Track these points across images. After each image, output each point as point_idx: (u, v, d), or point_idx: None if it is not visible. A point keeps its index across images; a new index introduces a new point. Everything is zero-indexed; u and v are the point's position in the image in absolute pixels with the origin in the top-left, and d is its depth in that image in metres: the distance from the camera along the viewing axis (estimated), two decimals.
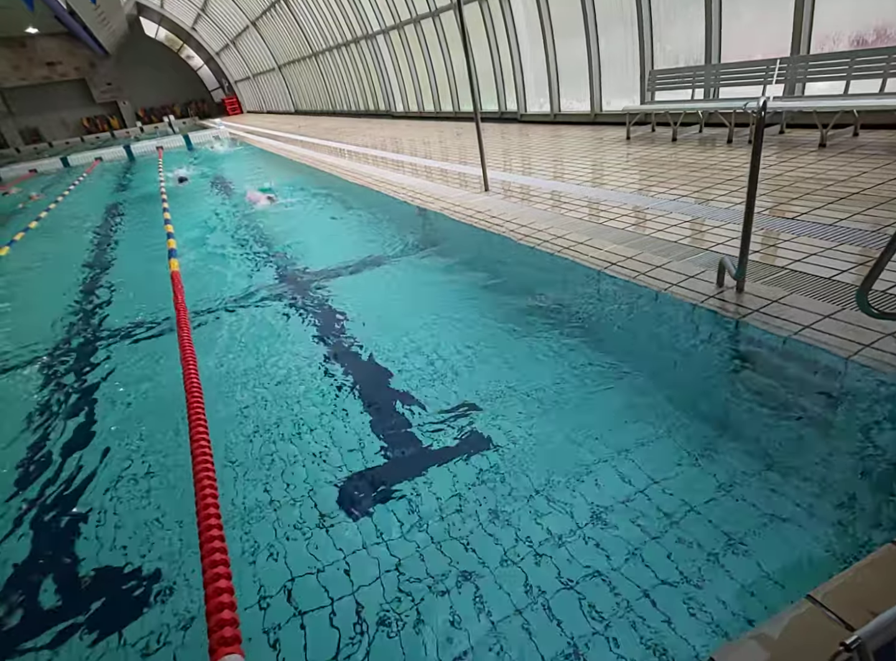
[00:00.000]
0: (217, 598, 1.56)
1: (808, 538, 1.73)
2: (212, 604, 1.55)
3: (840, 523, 1.76)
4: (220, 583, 1.61)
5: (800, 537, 1.74)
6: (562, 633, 1.58)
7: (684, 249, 3.87)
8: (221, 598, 1.55)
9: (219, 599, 1.55)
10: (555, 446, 2.36)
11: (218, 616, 1.50)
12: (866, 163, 5.04)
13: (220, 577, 1.63)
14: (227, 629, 1.46)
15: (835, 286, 3.00)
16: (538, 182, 6.65)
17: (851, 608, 1.25)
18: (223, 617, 1.49)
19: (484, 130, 6.45)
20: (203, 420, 2.61)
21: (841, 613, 1.25)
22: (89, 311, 5.21)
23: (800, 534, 1.75)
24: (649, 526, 1.88)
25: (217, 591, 1.58)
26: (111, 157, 20.46)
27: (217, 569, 1.66)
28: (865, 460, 1.99)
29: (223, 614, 1.50)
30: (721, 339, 2.88)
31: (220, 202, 9.26)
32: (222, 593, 1.57)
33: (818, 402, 2.30)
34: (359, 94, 21.70)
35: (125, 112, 39.44)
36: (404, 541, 1.99)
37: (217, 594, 1.57)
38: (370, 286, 4.58)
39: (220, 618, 1.49)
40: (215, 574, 1.64)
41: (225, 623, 1.48)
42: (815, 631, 1.23)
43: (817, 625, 1.24)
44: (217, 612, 1.51)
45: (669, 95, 8.14)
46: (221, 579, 1.63)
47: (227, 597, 1.56)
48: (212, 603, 1.55)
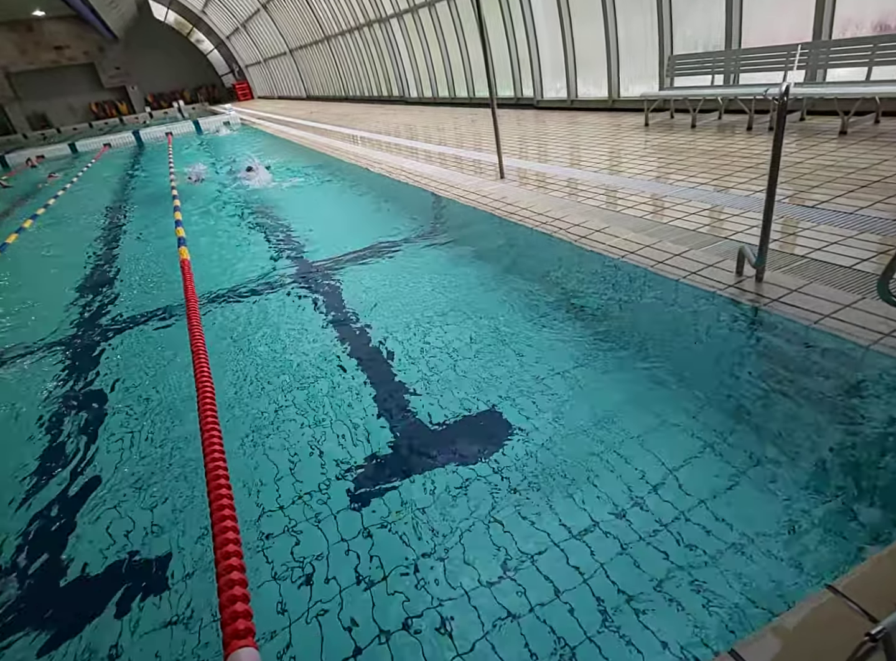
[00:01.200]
0: (230, 590, 1.57)
1: (825, 522, 1.78)
2: (225, 596, 1.56)
3: (853, 510, 1.81)
4: (232, 575, 1.62)
5: (821, 522, 1.79)
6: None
7: (703, 238, 3.89)
8: (234, 590, 1.57)
9: (231, 591, 1.56)
10: (575, 433, 2.42)
11: (231, 609, 1.51)
12: (888, 151, 5.00)
13: (232, 569, 1.64)
14: (241, 622, 1.47)
15: (855, 275, 3.01)
16: (555, 169, 6.65)
17: (873, 599, 1.27)
18: (236, 610, 1.50)
19: (499, 117, 6.44)
20: (214, 412, 2.61)
21: (862, 603, 1.27)
22: (97, 301, 5.30)
23: (819, 517, 1.80)
24: (663, 514, 1.95)
25: (229, 583, 1.59)
26: (120, 143, 20.41)
27: (230, 561, 1.67)
28: (889, 448, 2.03)
29: (236, 606, 1.52)
30: (741, 328, 2.91)
31: (231, 189, 9.31)
32: (234, 585, 1.58)
33: (838, 391, 2.33)
34: (372, 79, 21.57)
35: (134, 97, 39.35)
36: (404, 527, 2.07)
37: (229, 587, 1.58)
38: (385, 273, 4.61)
39: (234, 610, 1.50)
40: (228, 566, 1.65)
41: (238, 616, 1.49)
42: (837, 622, 1.25)
43: (839, 616, 1.26)
44: (230, 604, 1.53)
45: (688, 81, 8.06)
46: (234, 571, 1.64)
47: (240, 589, 1.57)
48: (225, 596, 1.56)
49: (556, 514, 2.00)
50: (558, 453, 2.29)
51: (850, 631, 1.20)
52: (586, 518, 1.96)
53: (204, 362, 3.16)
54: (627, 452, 2.24)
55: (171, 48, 39.42)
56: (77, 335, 4.44)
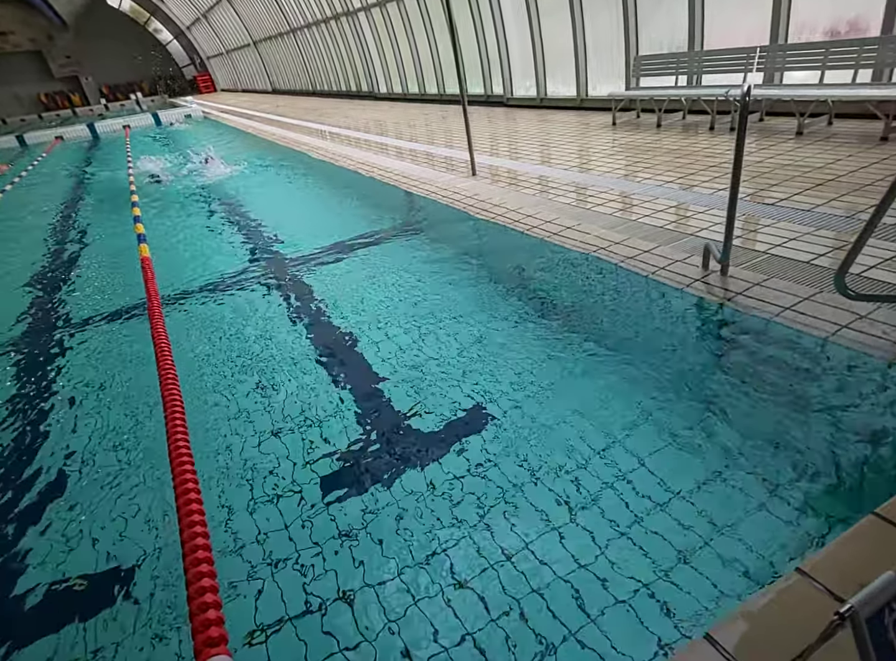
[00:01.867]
0: (200, 598, 1.52)
1: (786, 512, 1.89)
2: (195, 604, 1.51)
3: (814, 495, 1.92)
4: (203, 582, 1.57)
5: (780, 511, 1.90)
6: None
7: (670, 234, 4.02)
8: (205, 598, 1.52)
9: (202, 599, 1.52)
10: (541, 426, 2.48)
11: (203, 617, 1.46)
12: (840, 151, 5.25)
13: (203, 575, 1.60)
14: (213, 629, 1.43)
15: (813, 270, 3.18)
16: (526, 167, 6.74)
17: (839, 580, 1.33)
18: (208, 617, 1.46)
19: (470, 114, 6.49)
20: (181, 413, 2.53)
21: (829, 584, 1.33)
22: (50, 302, 5.14)
23: (778, 506, 1.91)
24: (621, 517, 2.03)
25: (200, 590, 1.54)
26: (73, 135, 19.48)
27: (200, 567, 1.63)
28: (842, 436, 2.16)
29: (208, 613, 1.47)
30: (707, 320, 3.04)
31: (193, 186, 9.11)
32: (206, 592, 1.54)
33: (798, 380, 2.47)
34: (340, 74, 21.32)
35: (88, 88, 37.80)
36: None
37: (200, 594, 1.53)
38: (354, 271, 4.58)
39: (206, 618, 1.46)
40: (198, 573, 1.61)
41: (210, 623, 1.45)
42: (806, 603, 1.31)
43: (807, 597, 1.32)
44: (201, 612, 1.48)
45: (654, 82, 8.26)
46: (205, 578, 1.59)
47: (211, 596, 1.54)
48: (195, 603, 1.51)
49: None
50: (533, 442, 2.36)
51: (818, 611, 1.27)
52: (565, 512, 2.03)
53: (169, 364, 3.05)
54: (586, 448, 2.32)
55: (127, 37, 37.94)
56: (30, 338, 4.27)
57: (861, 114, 6.06)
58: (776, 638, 1.26)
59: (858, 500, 1.90)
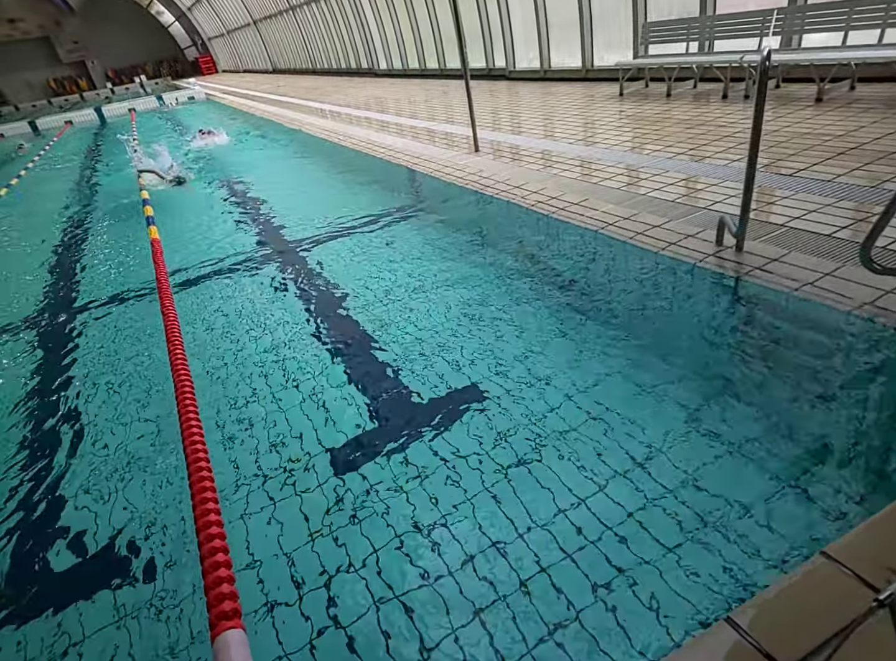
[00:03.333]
0: (215, 572, 1.55)
1: (810, 494, 1.75)
2: (210, 579, 1.54)
3: (834, 478, 1.78)
4: (217, 557, 1.60)
5: (801, 493, 1.76)
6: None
7: (682, 209, 3.82)
8: (219, 572, 1.55)
9: (216, 573, 1.55)
10: (551, 404, 2.35)
11: (217, 591, 1.49)
12: (864, 117, 4.97)
13: (216, 551, 1.63)
14: (227, 603, 1.46)
15: (834, 243, 2.97)
16: (530, 142, 6.49)
17: (867, 564, 1.26)
18: (222, 591, 1.49)
19: (472, 88, 6.23)
20: (191, 391, 2.55)
21: (856, 568, 1.26)
22: (64, 283, 5.06)
23: (799, 489, 1.77)
24: (649, 489, 1.90)
25: (214, 565, 1.57)
26: (82, 120, 19.82)
27: (213, 543, 1.66)
28: (871, 415, 2.00)
29: (222, 588, 1.50)
30: (723, 297, 2.86)
31: (198, 167, 8.96)
32: (220, 567, 1.57)
33: (822, 358, 2.30)
34: (340, 51, 20.90)
35: (94, 72, 37.71)
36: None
37: (214, 569, 1.56)
38: (359, 249, 4.46)
39: (219, 592, 1.49)
40: (212, 548, 1.64)
41: (224, 598, 1.47)
42: (832, 588, 1.24)
43: (834, 581, 1.25)
44: (215, 586, 1.51)
45: (663, 49, 7.92)
46: (219, 553, 1.62)
47: (225, 571, 1.56)
48: (210, 578, 1.54)
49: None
50: (542, 424, 2.23)
51: (844, 595, 1.21)
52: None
53: (178, 343, 3.06)
54: (596, 427, 2.18)
55: (131, 21, 37.68)
56: (44, 318, 4.25)
57: (887, 77, 5.73)
58: (800, 622, 1.20)
59: (883, 482, 1.76)
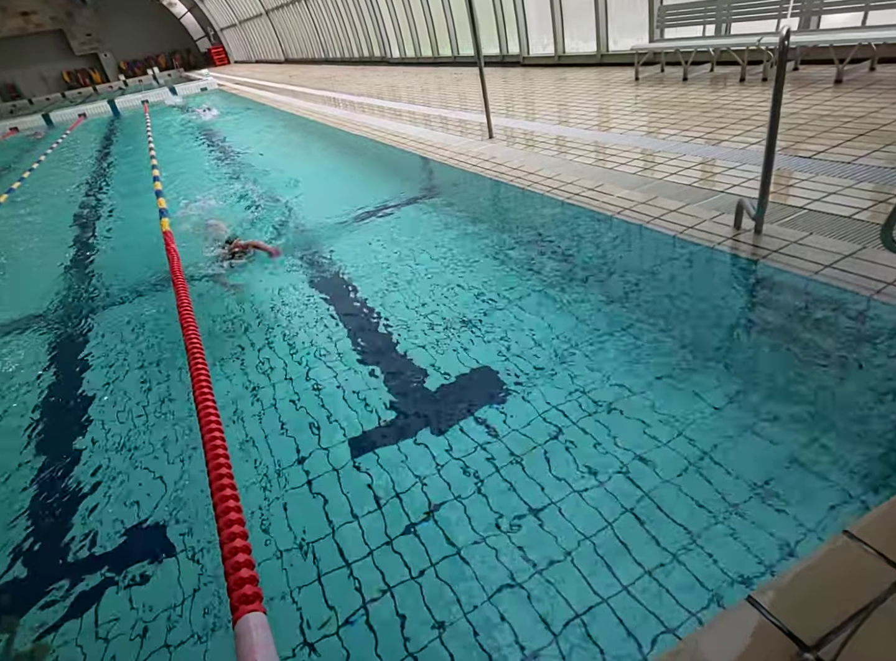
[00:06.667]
0: (234, 557, 1.58)
1: (829, 476, 1.78)
2: (230, 563, 1.57)
3: (857, 458, 1.81)
4: (236, 542, 1.63)
5: (820, 474, 1.79)
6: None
7: (699, 193, 3.81)
8: (238, 557, 1.58)
9: (235, 558, 1.57)
10: (570, 393, 2.39)
11: (237, 575, 1.52)
12: (884, 98, 4.89)
13: (236, 536, 1.65)
14: (248, 587, 1.48)
15: (855, 225, 2.96)
16: (544, 128, 6.47)
17: (890, 543, 1.25)
18: (242, 576, 1.52)
19: (486, 75, 6.21)
20: (207, 380, 2.58)
21: (879, 547, 1.25)
22: (77, 276, 5.17)
23: (817, 469, 1.80)
24: (670, 464, 1.94)
25: (234, 550, 1.60)
26: (95, 113, 19.89)
27: (233, 528, 1.68)
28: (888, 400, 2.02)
29: (241, 572, 1.53)
30: (742, 280, 2.87)
31: (212, 155, 9.03)
32: (238, 552, 1.60)
33: (843, 341, 2.31)
34: (352, 40, 20.80)
35: (107, 65, 37.75)
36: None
37: (234, 554, 1.59)
38: (377, 236, 4.50)
39: (239, 576, 1.52)
40: (231, 533, 1.66)
41: (244, 582, 1.50)
42: (854, 567, 1.24)
43: (856, 560, 1.25)
44: (235, 571, 1.54)
45: (679, 33, 7.82)
46: (238, 538, 1.65)
47: (244, 555, 1.59)
48: (229, 563, 1.57)
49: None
50: (559, 409, 2.27)
51: (867, 573, 1.20)
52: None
53: (193, 331, 3.11)
54: (628, 406, 2.22)
55: (143, 13, 37.57)
56: (60, 311, 4.35)
57: None
58: (822, 601, 1.20)
59: None
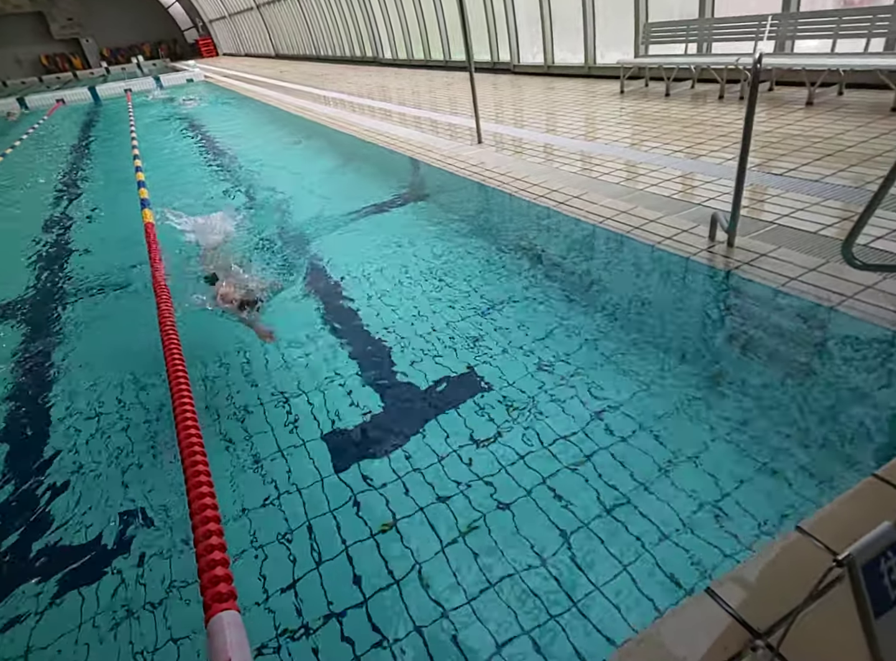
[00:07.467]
0: (209, 555, 1.56)
1: (784, 475, 1.95)
2: (204, 561, 1.55)
3: (812, 459, 1.97)
4: (211, 540, 1.62)
5: (777, 475, 1.97)
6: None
7: (677, 204, 4.01)
8: (213, 555, 1.56)
9: (210, 556, 1.56)
10: (548, 397, 2.53)
11: (211, 573, 1.50)
12: (849, 121, 5.18)
13: (211, 534, 1.65)
14: (222, 585, 1.47)
15: (820, 240, 3.18)
16: (532, 135, 6.65)
17: (838, 538, 1.33)
18: (216, 574, 1.50)
19: (476, 81, 6.37)
20: (184, 375, 2.59)
21: (828, 542, 1.34)
22: (52, 267, 5.17)
23: (775, 470, 1.98)
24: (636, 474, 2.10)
25: (209, 548, 1.59)
26: (74, 99, 19.20)
27: (208, 526, 1.67)
28: (845, 402, 2.20)
29: (216, 571, 1.51)
30: (714, 290, 3.06)
31: (197, 154, 9.01)
32: (213, 550, 1.58)
33: (804, 349, 2.50)
34: (344, 38, 20.82)
35: (88, 51, 36.91)
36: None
37: (209, 552, 1.58)
38: (364, 237, 4.60)
39: (214, 575, 1.50)
40: (206, 531, 1.65)
41: (219, 580, 1.49)
42: (806, 559, 1.34)
43: (807, 554, 1.35)
44: (209, 569, 1.52)
45: (663, 50, 8.09)
46: (213, 536, 1.64)
47: (219, 554, 1.58)
48: (204, 561, 1.55)
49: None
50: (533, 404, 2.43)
51: (817, 567, 1.26)
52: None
53: (171, 328, 3.10)
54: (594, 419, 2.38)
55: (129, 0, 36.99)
56: (31, 301, 4.35)
57: (872, 84, 5.95)
58: (776, 592, 1.29)
59: (858, 463, 1.94)
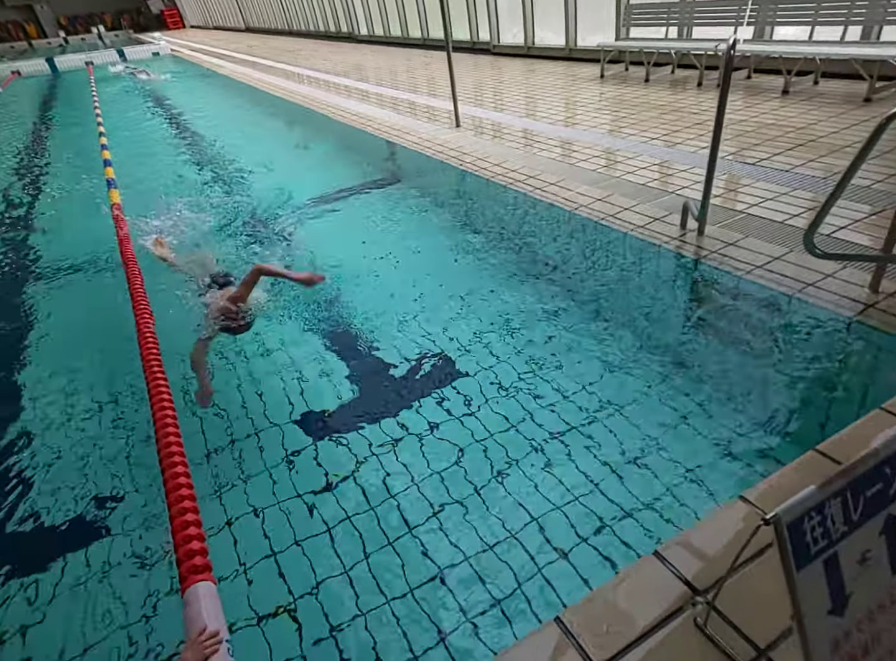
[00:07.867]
0: (185, 531, 1.60)
1: (736, 450, 2.04)
2: (180, 536, 1.58)
3: (759, 435, 2.08)
4: (187, 516, 1.65)
5: (729, 448, 2.05)
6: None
7: (651, 192, 4.05)
8: (189, 530, 1.60)
9: (186, 532, 1.59)
10: (517, 377, 2.59)
11: (187, 547, 1.54)
12: (823, 111, 5.26)
13: (186, 510, 1.67)
14: (198, 558, 1.49)
15: (786, 230, 3.26)
16: (511, 119, 6.61)
17: (776, 506, 1.44)
18: (192, 548, 1.53)
19: (455, 62, 6.27)
20: (157, 354, 2.61)
21: (768, 509, 1.44)
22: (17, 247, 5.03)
23: (728, 444, 2.06)
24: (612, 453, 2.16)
25: (184, 524, 1.62)
26: (31, 70, 18.53)
27: (184, 503, 1.70)
28: (799, 383, 2.30)
29: (192, 544, 1.55)
30: (682, 277, 3.12)
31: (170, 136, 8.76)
32: (189, 526, 1.62)
33: (762, 334, 2.59)
34: (318, 13, 20.24)
35: (44, 18, 35.03)
36: None
37: (184, 527, 1.61)
38: (337, 220, 4.57)
39: (189, 549, 1.53)
40: (182, 508, 1.68)
41: (195, 553, 1.51)
42: (746, 526, 1.45)
43: (748, 520, 1.46)
44: (185, 543, 1.55)
45: (645, 32, 8.06)
46: (189, 512, 1.67)
47: (195, 529, 1.61)
48: (180, 535, 1.58)
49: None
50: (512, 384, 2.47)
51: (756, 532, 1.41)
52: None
53: (145, 308, 3.10)
54: (559, 400, 2.43)
55: None
56: None
57: (847, 74, 6.03)
58: (717, 554, 1.40)
59: (801, 437, 2.05)
